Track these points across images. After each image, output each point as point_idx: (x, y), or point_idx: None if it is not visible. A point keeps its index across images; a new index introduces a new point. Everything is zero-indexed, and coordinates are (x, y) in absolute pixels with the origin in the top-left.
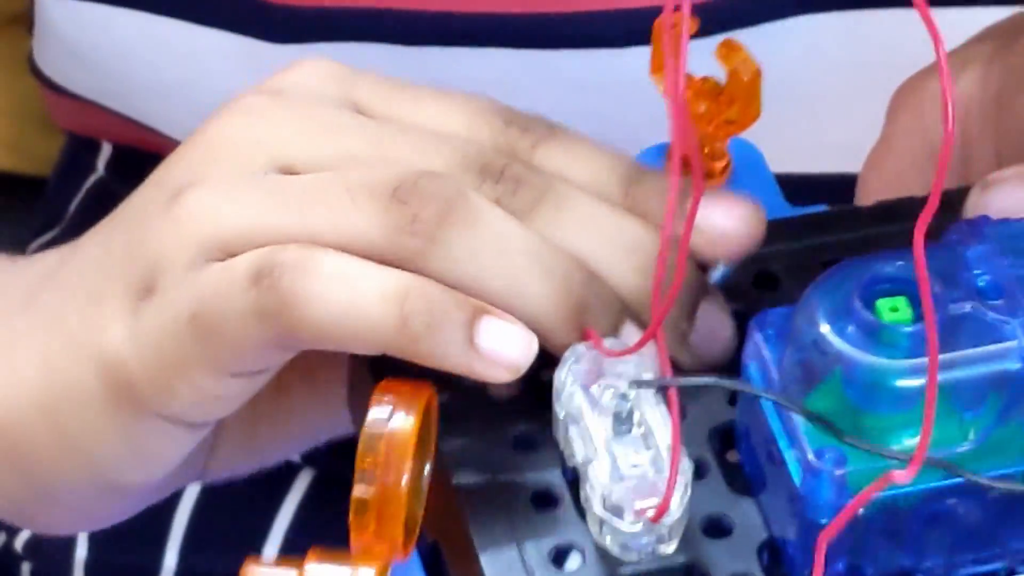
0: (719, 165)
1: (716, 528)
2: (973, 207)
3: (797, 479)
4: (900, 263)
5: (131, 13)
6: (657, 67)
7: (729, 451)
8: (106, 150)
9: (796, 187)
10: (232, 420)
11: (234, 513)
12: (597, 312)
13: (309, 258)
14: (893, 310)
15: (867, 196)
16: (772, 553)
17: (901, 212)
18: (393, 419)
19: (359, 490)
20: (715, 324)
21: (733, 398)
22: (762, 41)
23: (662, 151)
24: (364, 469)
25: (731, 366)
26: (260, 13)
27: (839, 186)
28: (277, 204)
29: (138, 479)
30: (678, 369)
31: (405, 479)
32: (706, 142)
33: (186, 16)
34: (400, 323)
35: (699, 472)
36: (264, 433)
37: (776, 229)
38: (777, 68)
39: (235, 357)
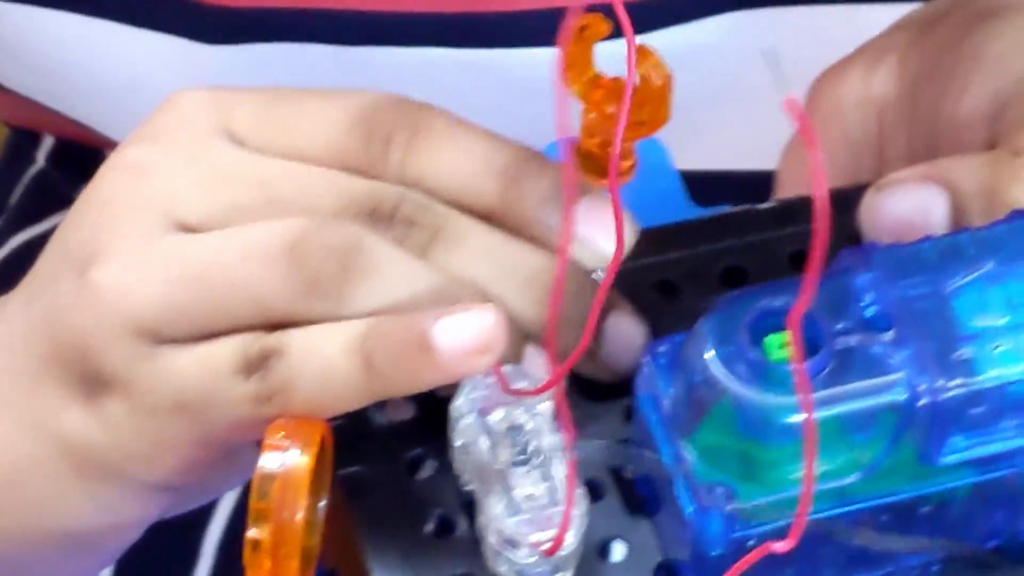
0: (626, 164)
1: (612, 551)
2: (868, 208)
3: (687, 513)
4: (789, 297)
5: (66, 15)
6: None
7: (626, 468)
8: (47, 142)
9: (720, 184)
10: None
11: (162, 539)
12: None
13: (280, 345)
14: (782, 346)
15: (785, 188)
16: (668, 574)
17: (799, 213)
18: (287, 457)
19: (253, 531)
20: (623, 337)
21: (629, 415)
22: (691, 37)
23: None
24: (258, 510)
25: None
26: (194, 14)
27: (766, 183)
28: (185, 280)
29: (115, 542)
30: (587, 386)
31: (299, 516)
32: (614, 142)
33: (121, 18)
34: (367, 368)
35: (595, 493)
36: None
37: (674, 234)
38: (706, 64)
39: (231, 434)
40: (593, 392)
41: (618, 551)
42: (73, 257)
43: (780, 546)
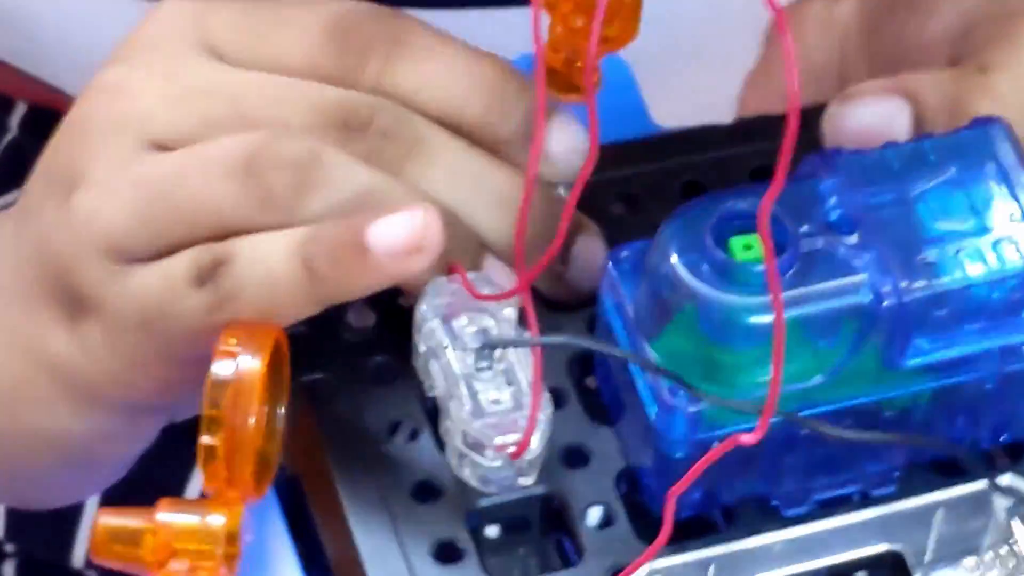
0: (590, 80)
1: (575, 458)
2: (831, 118)
3: (651, 414)
4: (752, 199)
5: None
6: None
7: (588, 377)
8: (20, 108)
9: None
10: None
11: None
12: (458, 254)
13: (228, 253)
14: (746, 247)
15: (746, 114)
16: (630, 482)
17: (759, 130)
18: (239, 363)
19: (206, 438)
20: (590, 259)
21: (592, 326)
22: None
23: (531, 61)
24: (211, 417)
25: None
26: None
27: None
28: (150, 198)
29: (105, 457)
30: (549, 304)
31: (252, 422)
32: (580, 57)
33: None
34: (308, 272)
35: (558, 401)
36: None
37: (636, 150)
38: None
39: (191, 348)
40: (556, 305)
41: (580, 458)
42: (56, 181)
43: (747, 438)
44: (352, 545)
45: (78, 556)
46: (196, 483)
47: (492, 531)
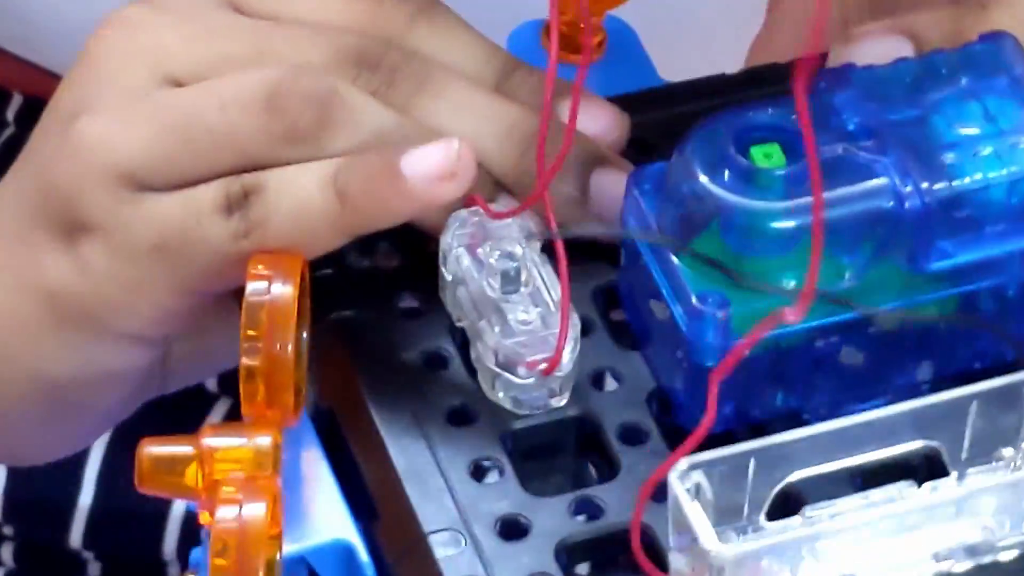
0: (594, 40)
1: (605, 381)
2: (834, 60)
3: (682, 324)
4: (771, 111)
5: None
6: None
7: (613, 311)
8: (16, 101)
9: None
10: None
11: None
12: (472, 189)
13: (260, 183)
14: (767, 156)
15: None
16: (661, 402)
17: (769, 77)
18: (272, 289)
19: (247, 359)
20: (609, 191)
21: (615, 258)
22: None
23: (536, 28)
24: (249, 339)
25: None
26: None
27: None
28: (170, 132)
29: (99, 399)
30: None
31: (289, 344)
32: (582, 17)
33: None
34: (340, 200)
35: (585, 330)
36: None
37: (648, 97)
38: None
39: (205, 278)
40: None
41: (610, 383)
42: (62, 114)
43: (791, 313)
44: (391, 468)
45: (75, 538)
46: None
47: (528, 454)
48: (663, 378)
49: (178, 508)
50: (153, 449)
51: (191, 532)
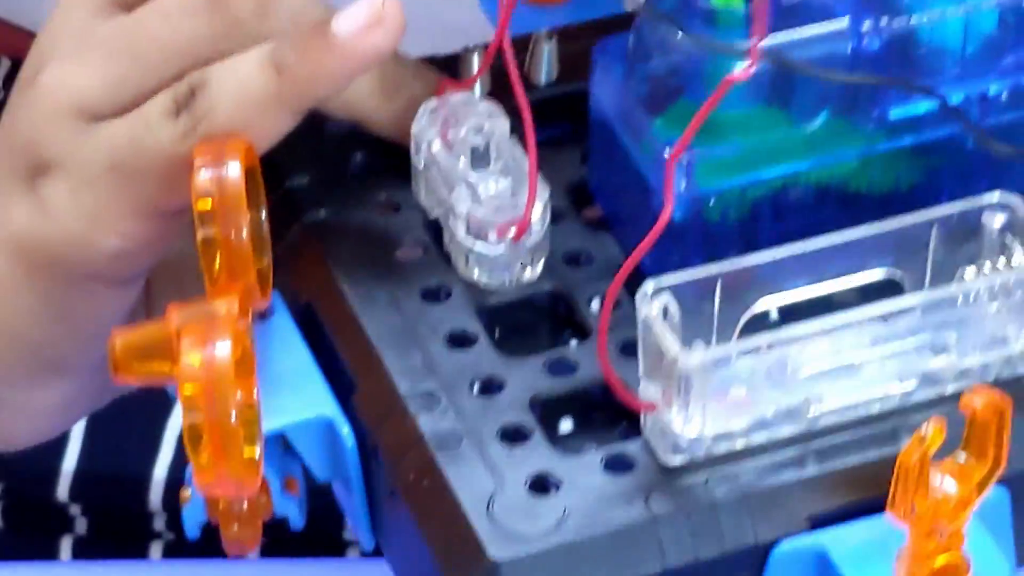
0: None
1: (577, 259)
2: None
3: (651, 177)
4: None
5: None
6: None
7: (586, 209)
8: (4, 65)
9: None
10: (163, 293)
11: (130, 419)
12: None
13: (203, 78)
14: (727, 2)
15: None
16: (631, 275)
17: None
18: (220, 166)
19: (203, 232)
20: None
21: (585, 157)
22: None
23: None
24: (202, 212)
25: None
26: None
27: None
28: (118, 55)
29: (75, 354)
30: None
31: (244, 221)
32: None
33: None
34: (280, 73)
35: (557, 217)
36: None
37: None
38: None
39: (162, 189)
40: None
41: (583, 260)
42: (29, 71)
43: (739, 72)
44: (367, 341)
45: (62, 493)
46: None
47: (503, 327)
48: (634, 246)
49: (163, 460)
50: (124, 336)
51: (177, 483)
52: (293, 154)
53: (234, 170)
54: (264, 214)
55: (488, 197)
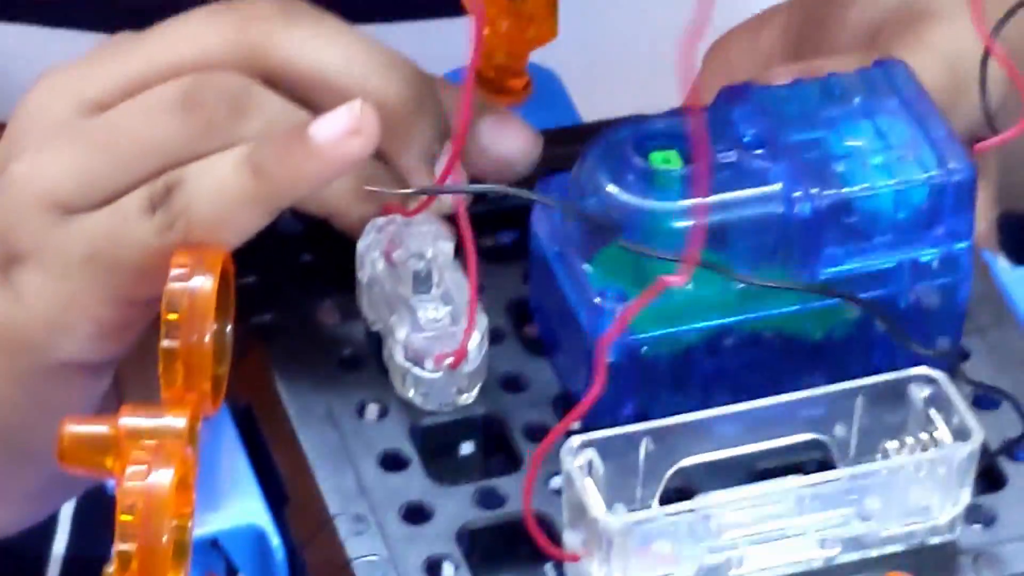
0: (519, 83)
1: (513, 384)
2: None
3: (583, 321)
4: (669, 121)
5: None
6: None
7: (526, 326)
8: None
9: None
10: (133, 377)
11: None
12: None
13: (180, 176)
14: (665, 160)
15: None
16: (566, 404)
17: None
18: (193, 279)
19: (167, 342)
20: (497, 134)
21: (527, 276)
22: None
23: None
24: (169, 323)
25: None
26: (108, 8)
27: None
28: (93, 150)
29: (49, 441)
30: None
31: (209, 334)
32: (508, 59)
33: (36, 20)
34: (256, 174)
35: (497, 338)
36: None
37: (564, 134)
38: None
39: (136, 281)
40: (490, 257)
41: (518, 385)
42: None
43: (674, 279)
44: (301, 454)
45: None
46: None
47: (435, 449)
48: (569, 382)
49: None
50: (73, 428)
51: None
52: (243, 252)
53: (206, 285)
54: (230, 325)
55: (428, 323)
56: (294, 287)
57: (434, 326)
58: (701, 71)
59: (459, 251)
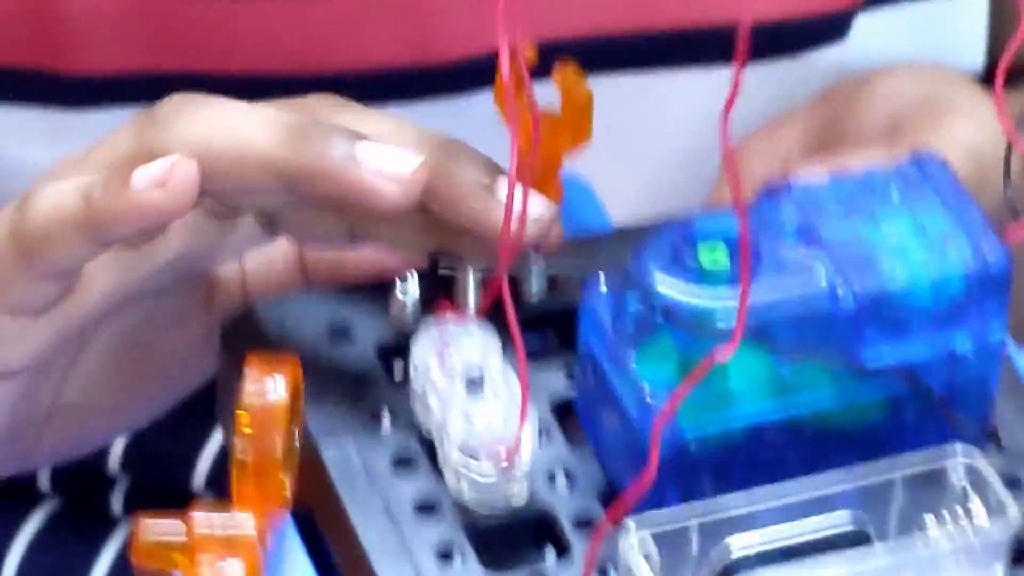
0: (553, 192)
1: (560, 480)
2: None
3: (634, 419)
4: (716, 219)
5: None
6: (499, 97)
7: (570, 420)
8: None
9: None
10: (66, 393)
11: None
12: None
13: (35, 187)
14: (712, 251)
15: None
16: (612, 496)
17: None
18: (267, 390)
19: (239, 453)
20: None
21: (570, 372)
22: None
23: None
24: (243, 434)
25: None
26: (53, 84)
27: None
28: None
29: None
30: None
31: (279, 445)
32: (543, 164)
33: None
34: (87, 202)
35: (542, 434)
36: (125, 403)
37: (598, 240)
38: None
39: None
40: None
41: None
42: None
43: (722, 353)
44: (362, 554)
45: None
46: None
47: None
48: (615, 475)
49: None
50: (146, 527)
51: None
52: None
53: (279, 398)
54: (297, 432)
55: (481, 428)
56: (348, 387)
57: (487, 425)
58: (719, 181)
59: (506, 347)
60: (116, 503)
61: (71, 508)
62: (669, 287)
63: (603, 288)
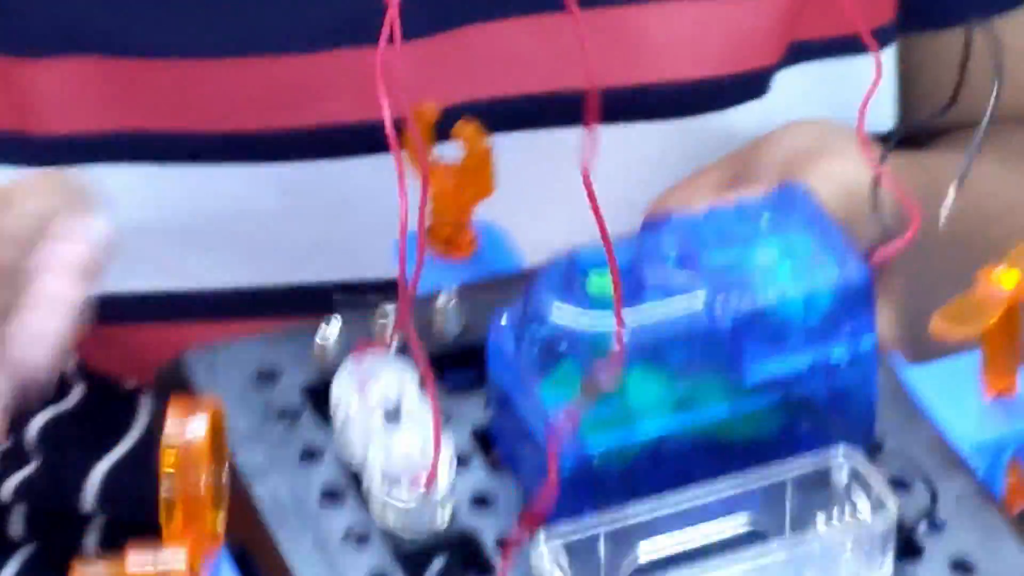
0: (467, 239)
1: (481, 503)
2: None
3: (540, 439)
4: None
5: None
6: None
7: (491, 450)
8: None
9: None
10: None
11: None
12: None
13: None
14: (600, 276)
15: None
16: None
17: None
18: (188, 430)
19: (164, 491)
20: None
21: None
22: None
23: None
24: (167, 473)
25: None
26: (19, 143)
27: None
28: None
29: None
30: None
31: (203, 481)
32: (453, 217)
33: None
34: None
35: (464, 461)
36: None
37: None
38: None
39: None
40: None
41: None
42: None
43: (605, 380)
44: None
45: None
46: None
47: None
48: (533, 495)
49: None
50: (84, 568)
51: None
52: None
53: (199, 436)
54: (225, 470)
55: (399, 456)
56: (277, 426)
57: (406, 454)
58: (653, 206)
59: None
60: (90, 543)
61: (45, 552)
62: (564, 315)
63: (503, 322)
